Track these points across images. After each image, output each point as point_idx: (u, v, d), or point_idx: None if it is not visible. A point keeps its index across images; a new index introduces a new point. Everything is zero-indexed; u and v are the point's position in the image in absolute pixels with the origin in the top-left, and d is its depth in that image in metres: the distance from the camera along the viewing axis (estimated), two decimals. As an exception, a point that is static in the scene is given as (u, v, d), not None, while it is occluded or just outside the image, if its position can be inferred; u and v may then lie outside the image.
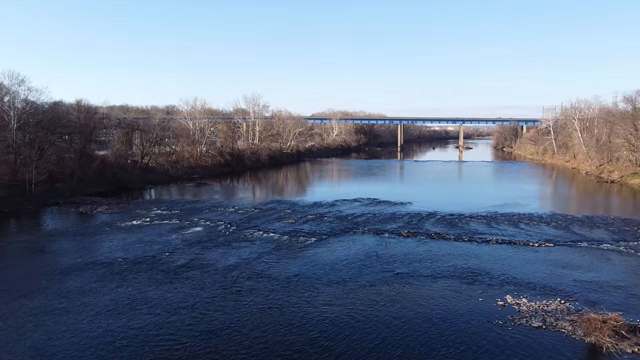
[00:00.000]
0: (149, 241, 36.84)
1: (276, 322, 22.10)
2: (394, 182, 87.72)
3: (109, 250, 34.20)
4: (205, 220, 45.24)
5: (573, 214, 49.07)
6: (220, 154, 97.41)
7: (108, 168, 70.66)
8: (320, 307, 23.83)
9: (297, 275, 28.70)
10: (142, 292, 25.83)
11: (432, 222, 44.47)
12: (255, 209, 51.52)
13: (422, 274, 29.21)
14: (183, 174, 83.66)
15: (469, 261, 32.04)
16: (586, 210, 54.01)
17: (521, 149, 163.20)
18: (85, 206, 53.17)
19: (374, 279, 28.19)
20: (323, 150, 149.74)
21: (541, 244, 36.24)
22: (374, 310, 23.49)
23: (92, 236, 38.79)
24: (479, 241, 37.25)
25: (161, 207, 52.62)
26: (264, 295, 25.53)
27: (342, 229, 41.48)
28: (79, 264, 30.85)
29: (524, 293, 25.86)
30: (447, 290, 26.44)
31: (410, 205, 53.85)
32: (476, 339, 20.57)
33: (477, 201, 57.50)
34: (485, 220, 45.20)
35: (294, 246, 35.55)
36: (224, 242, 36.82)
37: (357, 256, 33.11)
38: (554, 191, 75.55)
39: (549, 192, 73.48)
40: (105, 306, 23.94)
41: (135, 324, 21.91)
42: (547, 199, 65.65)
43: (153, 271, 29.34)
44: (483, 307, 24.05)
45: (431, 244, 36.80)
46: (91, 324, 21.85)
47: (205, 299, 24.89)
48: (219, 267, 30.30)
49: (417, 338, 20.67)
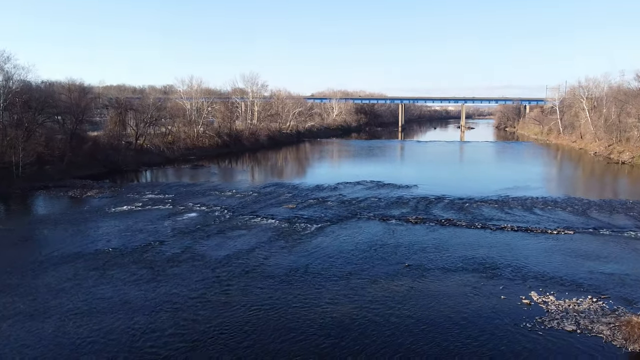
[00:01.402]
0: (138, 229, 34.24)
1: (274, 326, 19.58)
2: (397, 164, 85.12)
3: (94, 240, 31.57)
4: (200, 205, 42.65)
5: (589, 197, 46.48)
6: (218, 134, 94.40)
7: (100, 150, 67.80)
8: (324, 307, 21.31)
9: (298, 270, 26.14)
10: (121, 291, 22.94)
11: (441, 207, 41.92)
12: (254, 193, 48.93)
13: (435, 267, 26.72)
14: (179, 156, 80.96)
15: (485, 251, 29.54)
16: (602, 194, 51.50)
17: (524, 128, 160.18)
18: (75, 190, 50.52)
19: (382, 273, 25.68)
20: (323, 130, 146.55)
21: (560, 232, 33.72)
22: (383, 311, 21.00)
23: (78, 224, 36.21)
24: (493, 228, 34.73)
25: (155, 191, 50.01)
26: (260, 294, 22.92)
27: (346, 215, 38.93)
28: (58, 256, 28.10)
29: (550, 289, 23.37)
30: (464, 286, 23.95)
31: (416, 189, 51.25)
32: (502, 345, 18.11)
33: (486, 184, 54.90)
34: (497, 205, 42.64)
35: (294, 235, 33.00)
36: (219, 230, 34.23)
37: (363, 246, 30.60)
38: (564, 173, 72.92)
39: (559, 174, 70.89)
40: (75, 309, 20.93)
41: (108, 330, 19.20)
42: (558, 181, 63.07)
43: (137, 266, 26.55)
44: (506, 306, 21.56)
45: (442, 231, 34.29)
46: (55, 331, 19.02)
47: (192, 299, 22.16)
48: (211, 260, 27.56)
49: (434, 344, 18.21)
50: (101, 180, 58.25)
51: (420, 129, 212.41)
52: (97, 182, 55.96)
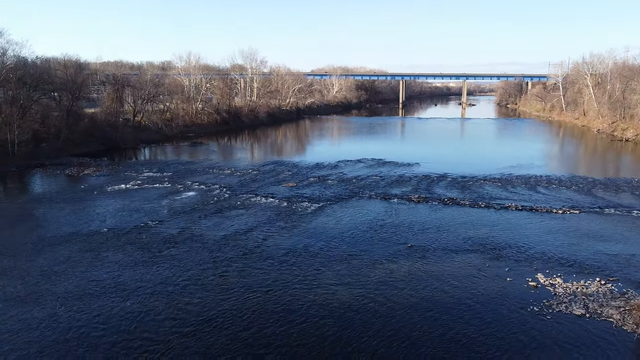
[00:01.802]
0: (135, 209, 33.58)
1: (273, 309, 19.01)
2: (399, 141, 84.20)
3: (89, 220, 30.90)
4: (199, 184, 41.95)
5: (594, 176, 45.74)
6: (217, 111, 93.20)
7: (98, 127, 66.74)
8: (325, 290, 20.73)
9: (297, 251, 25.53)
10: (115, 274, 22.22)
11: (444, 186, 41.22)
12: (253, 171, 48.20)
13: (438, 247, 26.12)
14: (178, 133, 79.99)
15: (489, 231, 28.93)
16: (607, 172, 50.80)
17: (526, 105, 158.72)
18: (72, 168, 49.76)
19: (384, 254, 25.08)
20: (323, 107, 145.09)
21: (565, 211, 33.09)
22: (386, 294, 20.43)
23: (74, 203, 35.53)
24: (497, 207, 34.08)
25: (153, 169, 49.26)
26: (258, 276, 22.30)
27: (347, 194, 38.25)
28: (53, 237, 27.40)
29: (557, 271, 22.80)
30: (469, 267, 23.37)
31: (418, 167, 50.50)
32: (510, 330, 17.57)
33: (489, 162, 54.17)
34: (501, 184, 41.93)
35: (293, 215, 32.35)
36: (217, 209, 33.55)
37: (365, 226, 29.97)
38: (568, 150, 72.06)
39: (563, 152, 70.07)
40: (67, 294, 20.21)
41: (100, 315, 18.64)
42: (561, 159, 62.30)
43: (133, 247, 25.86)
44: (513, 289, 21.00)
45: (445, 210, 33.65)
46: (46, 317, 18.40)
47: (189, 282, 21.53)
48: (209, 241, 26.85)
49: (439, 328, 17.67)
50: (98, 158, 57.47)
51: (421, 105, 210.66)
52: (94, 160, 55.18)
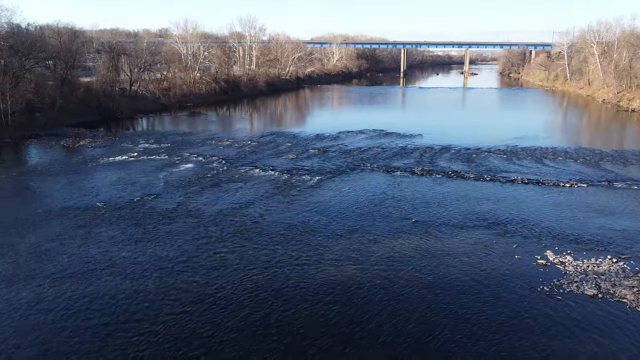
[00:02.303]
0: (131, 182, 32.65)
1: (271, 290, 18.25)
2: (400, 111, 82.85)
3: (84, 194, 29.99)
4: (197, 156, 40.95)
5: (600, 147, 44.69)
6: (215, 80, 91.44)
7: (93, 96, 65.39)
8: (326, 269, 19.95)
9: (298, 226, 24.69)
10: (108, 253, 21.34)
11: (447, 158, 40.23)
12: (253, 142, 47.14)
13: (443, 223, 25.30)
14: (175, 102, 78.54)
15: (495, 205, 28.09)
16: (614, 144, 49.78)
17: (529, 75, 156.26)
18: (67, 139, 48.66)
19: (387, 230, 24.27)
20: (323, 76, 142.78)
21: (573, 184, 32.20)
22: (390, 273, 19.67)
23: (69, 175, 34.61)
24: (503, 181, 33.18)
25: (150, 140, 48.18)
26: (256, 254, 21.47)
27: (348, 166, 37.29)
28: (45, 212, 26.51)
29: (566, 248, 22.02)
30: (475, 244, 22.59)
31: (421, 138, 49.38)
32: (519, 311, 16.85)
33: (493, 133, 53.00)
34: (506, 156, 40.94)
35: (294, 188, 31.45)
36: (215, 183, 32.62)
37: (367, 200, 29.10)
38: (573, 121, 70.74)
39: (568, 123, 68.77)
40: (57, 273, 19.36)
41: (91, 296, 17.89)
42: (567, 130, 61.07)
43: (127, 223, 24.94)
44: (521, 267, 20.25)
45: (449, 184, 32.74)
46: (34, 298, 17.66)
47: (183, 261, 20.64)
48: (205, 217, 25.91)
49: (446, 310, 16.96)
50: (94, 128, 56.36)
51: (422, 75, 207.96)
52: (90, 130, 54.07)
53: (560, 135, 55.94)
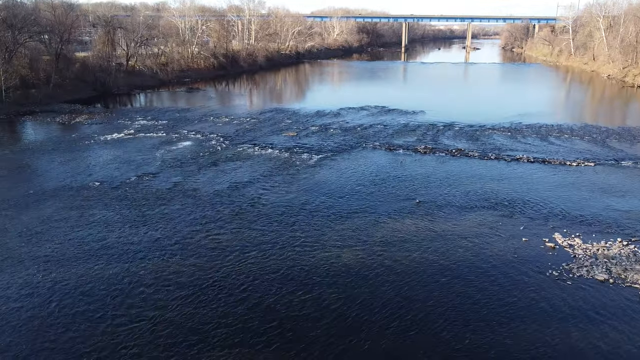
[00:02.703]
0: (127, 160, 31.88)
1: (271, 275, 17.64)
2: (402, 87, 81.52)
3: (78, 173, 29.21)
4: (195, 133, 40.11)
5: (606, 125, 43.80)
6: (214, 55, 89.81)
7: (89, 71, 64.05)
8: (327, 253, 19.32)
9: (297, 208, 24.00)
10: (100, 235, 20.62)
11: (451, 136, 39.39)
12: (252, 119, 46.22)
13: (448, 203, 24.63)
14: (173, 78, 77.23)
15: (501, 185, 27.40)
16: (620, 121, 48.89)
17: (533, 49, 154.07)
18: (63, 115, 47.73)
19: (391, 211, 23.60)
20: (323, 51, 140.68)
21: (580, 163, 31.45)
22: (393, 257, 19.06)
23: (64, 153, 33.82)
24: (508, 159, 32.43)
25: (147, 117, 47.25)
26: (255, 237, 20.77)
27: (350, 144, 36.50)
28: (37, 192, 25.65)
29: (575, 230, 21.39)
30: (481, 226, 21.94)
31: (423, 115, 48.46)
32: (528, 297, 16.28)
33: (497, 110, 52.06)
34: (510, 133, 40.10)
35: (294, 167, 30.70)
36: (213, 162, 31.83)
37: (369, 179, 28.38)
38: (578, 97, 69.49)
39: (572, 99, 67.58)
40: (47, 257, 18.61)
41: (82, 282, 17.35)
42: (572, 107, 60.00)
43: (121, 204, 24.12)
44: (529, 250, 19.64)
45: (453, 163, 32.00)
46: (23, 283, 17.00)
47: (179, 245, 19.90)
48: (203, 198, 25.13)
49: (451, 294, 16.38)
50: (91, 104, 55.38)
51: (423, 49, 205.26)
52: (86, 106, 53.06)
53: (565, 112, 54.97)
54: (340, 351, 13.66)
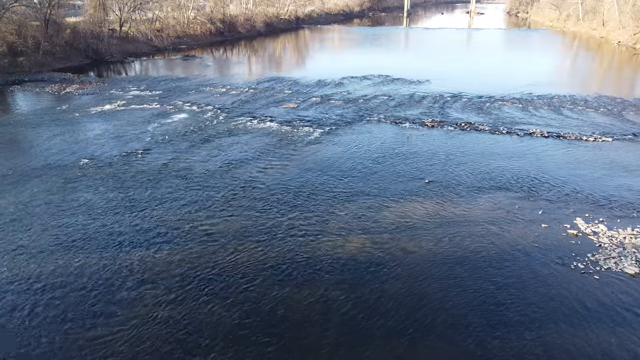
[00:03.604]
0: (117, 135, 30.09)
1: (270, 265, 16.15)
2: (405, 55, 78.82)
3: (65, 149, 27.40)
4: (190, 104, 38.21)
5: (621, 96, 41.76)
6: (210, 20, 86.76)
7: (80, 38, 61.54)
8: (331, 239, 17.76)
9: (299, 189, 22.35)
10: (84, 222, 18.98)
11: (459, 107, 37.48)
12: (250, 89, 44.20)
13: (459, 183, 23.00)
14: (169, 44, 74.75)
15: (514, 162, 25.72)
16: (636, 91, 46.85)
17: (539, 14, 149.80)
18: (53, 85, 45.68)
19: (399, 192, 21.98)
20: (323, 16, 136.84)
21: (597, 138, 29.71)
22: (402, 244, 17.53)
23: (51, 127, 32.01)
24: (521, 134, 30.66)
25: (141, 86, 45.23)
26: (252, 222, 19.18)
27: (353, 117, 34.65)
28: (18, 173, 23.72)
29: (598, 214, 19.82)
30: (496, 209, 20.36)
31: (429, 84, 46.40)
32: (552, 292, 14.80)
33: (505, 79, 49.94)
34: (521, 105, 38.18)
35: (294, 142, 28.94)
36: (209, 136, 30.05)
37: (375, 156, 26.68)
38: (588, 65, 66.92)
39: (583, 67, 65.03)
40: (24, 249, 17.20)
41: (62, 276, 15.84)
42: (583, 76, 57.65)
43: (110, 186, 22.35)
44: (550, 238, 18.08)
45: (463, 137, 30.24)
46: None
47: (170, 232, 18.39)
48: (196, 178, 23.40)
49: (466, 289, 14.90)
50: (83, 72, 53.35)
51: (425, 14, 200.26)
52: (78, 75, 50.95)
53: (577, 82, 52.77)
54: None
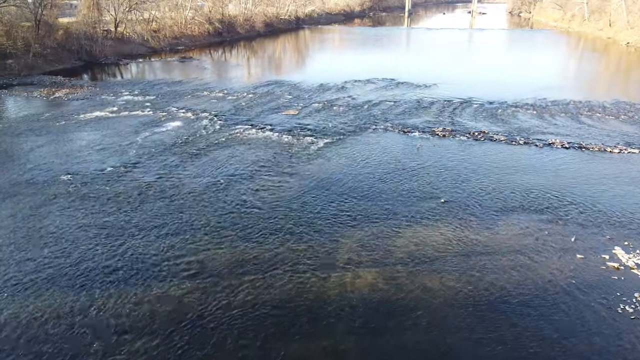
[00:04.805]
0: (104, 147, 27.86)
1: (271, 310, 14.01)
2: (409, 57, 76.61)
3: (46, 163, 25.15)
4: (185, 111, 36.03)
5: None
6: (209, 21, 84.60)
7: (73, 39, 59.37)
8: (340, 276, 15.56)
9: (301, 211, 20.11)
10: (60, 253, 16.82)
11: (470, 114, 35.31)
12: (249, 94, 42.01)
13: (478, 203, 20.83)
14: (165, 45, 72.52)
15: (536, 178, 23.55)
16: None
17: (542, 14, 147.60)
18: (42, 89, 43.54)
19: (411, 215, 19.78)
20: (324, 16, 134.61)
21: (622, 150, 27.55)
22: (421, 282, 15.37)
23: (33, 137, 29.82)
24: (539, 144, 28.50)
25: (134, 91, 43.08)
26: (249, 254, 17.07)
27: (358, 125, 32.48)
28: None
29: (638, 242, 17.67)
30: (522, 235, 18.18)
31: (436, 89, 44.21)
32: (599, 345, 12.66)
33: (515, 83, 47.82)
34: (536, 112, 36.01)
35: (295, 155, 26.74)
36: (203, 148, 27.82)
37: (383, 171, 24.49)
38: (599, 68, 64.66)
39: (594, 70, 62.74)
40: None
41: (33, 320, 13.83)
42: (596, 79, 55.49)
43: (92, 207, 20.13)
44: (588, 272, 15.90)
45: (477, 148, 28.06)
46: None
47: (152, 271, 16.46)
48: (187, 198, 21.13)
49: (501, 341, 12.77)
50: (75, 76, 51.20)
51: (426, 14, 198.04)
52: (69, 78, 48.77)
53: (591, 86, 50.56)
54: None
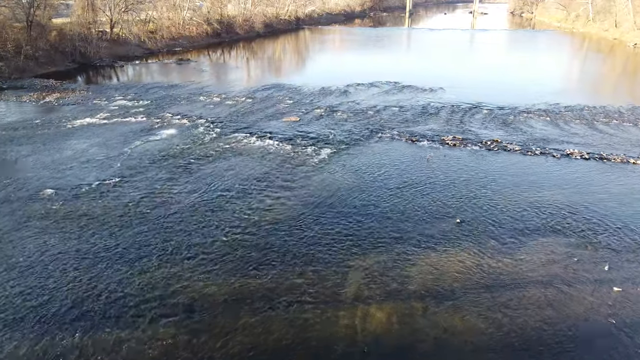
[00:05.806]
0: (91, 158, 26.01)
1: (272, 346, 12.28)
2: (412, 58, 74.74)
3: (29, 178, 23.23)
4: (180, 117, 34.27)
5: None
6: (207, 21, 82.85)
7: (67, 41, 57.59)
8: (349, 315, 13.80)
9: (303, 235, 18.29)
10: (40, 281, 15.08)
11: (480, 121, 33.53)
12: (248, 98, 40.23)
13: (497, 223, 19.03)
14: (163, 47, 70.76)
15: (557, 194, 21.76)
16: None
17: (545, 14, 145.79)
18: (32, 93, 41.76)
19: (424, 237, 17.98)
20: (324, 16, 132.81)
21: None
22: (437, 318, 13.60)
23: (17, 147, 28.02)
24: (557, 155, 26.72)
25: (128, 95, 41.30)
26: (247, 288, 15.31)
27: (363, 133, 30.70)
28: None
29: (678, 271, 15.93)
30: (549, 263, 16.38)
31: (443, 93, 42.41)
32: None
33: (524, 86, 45.96)
34: (549, 118, 34.24)
35: (297, 166, 24.94)
36: (198, 159, 26.01)
37: (392, 186, 22.69)
38: (609, 71, 62.70)
39: (604, 73, 60.77)
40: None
41: None
42: (608, 83, 53.66)
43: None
44: (627, 309, 14.11)
45: (490, 159, 26.27)
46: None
47: (136, 308, 14.73)
48: (174, 220, 19.20)
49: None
50: (68, 79, 49.38)
51: (427, 14, 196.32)
52: (61, 82, 46.98)
53: (603, 90, 48.79)
54: None
